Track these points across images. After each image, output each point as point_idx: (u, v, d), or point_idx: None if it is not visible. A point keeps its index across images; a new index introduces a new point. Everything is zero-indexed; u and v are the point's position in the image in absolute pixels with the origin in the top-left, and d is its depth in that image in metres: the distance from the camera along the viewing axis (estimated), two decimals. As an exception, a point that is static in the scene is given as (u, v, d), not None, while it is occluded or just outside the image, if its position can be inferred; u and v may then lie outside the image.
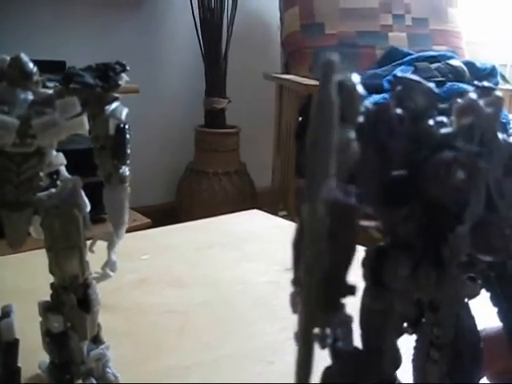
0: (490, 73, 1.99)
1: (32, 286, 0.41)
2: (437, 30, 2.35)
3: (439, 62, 2.02)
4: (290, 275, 0.67)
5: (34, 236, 0.38)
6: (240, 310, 0.56)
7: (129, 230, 0.41)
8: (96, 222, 0.53)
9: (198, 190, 2.28)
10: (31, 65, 0.33)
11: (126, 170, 0.37)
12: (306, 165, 0.22)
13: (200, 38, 2.28)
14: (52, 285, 0.38)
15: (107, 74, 0.35)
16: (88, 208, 0.37)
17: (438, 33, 2.35)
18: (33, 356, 0.40)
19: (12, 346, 0.37)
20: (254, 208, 0.96)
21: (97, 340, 0.40)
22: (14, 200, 0.34)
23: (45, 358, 0.41)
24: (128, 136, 0.37)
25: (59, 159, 0.38)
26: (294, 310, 0.26)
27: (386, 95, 2.03)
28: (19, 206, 0.34)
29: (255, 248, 0.75)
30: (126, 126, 0.36)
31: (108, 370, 0.40)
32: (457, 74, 1.91)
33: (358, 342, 0.25)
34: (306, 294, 0.21)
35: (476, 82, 0.27)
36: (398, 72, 2.10)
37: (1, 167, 0.33)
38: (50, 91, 0.34)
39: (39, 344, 0.39)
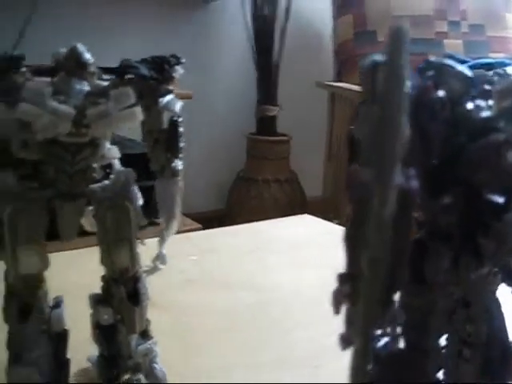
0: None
1: (85, 281, 0.41)
2: (494, 36, 2.29)
3: (496, 69, 1.96)
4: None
5: (87, 229, 0.38)
6: (286, 314, 0.55)
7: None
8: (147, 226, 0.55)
9: (247, 198, 2.28)
10: (87, 55, 0.33)
11: (178, 164, 0.37)
12: (368, 150, 0.21)
13: (252, 46, 2.30)
14: (103, 277, 0.38)
15: (162, 67, 0.35)
16: (140, 201, 0.37)
17: (495, 39, 2.28)
18: (83, 349, 0.41)
19: (62, 337, 0.37)
20: (304, 216, 0.95)
21: (145, 335, 0.40)
22: (67, 191, 0.34)
23: (94, 351, 0.41)
24: (181, 129, 0.37)
25: (113, 152, 0.38)
26: (336, 310, 0.25)
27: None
28: (72, 196, 0.34)
29: (305, 253, 0.74)
30: (180, 119, 0.36)
31: (155, 365, 0.40)
32: (515, 81, 1.85)
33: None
34: (368, 287, 0.20)
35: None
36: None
37: (55, 157, 0.33)
38: (106, 83, 0.34)
39: (90, 338, 0.40)
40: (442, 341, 0.26)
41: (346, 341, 0.24)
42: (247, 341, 0.49)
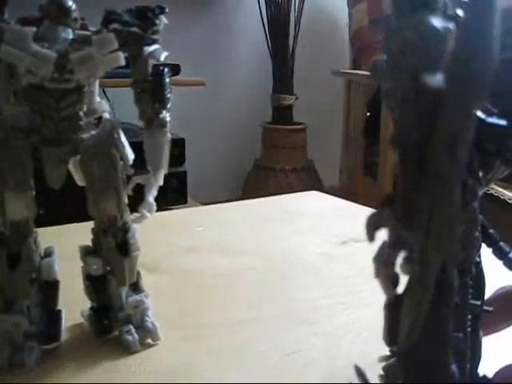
0: None
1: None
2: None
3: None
4: (344, 248, 0.65)
5: (78, 183, 0.39)
6: (289, 277, 0.55)
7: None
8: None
9: (264, 186, 2.28)
10: (70, 1, 0.34)
11: (166, 115, 0.37)
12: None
13: (267, 34, 2.29)
14: (93, 230, 0.39)
15: (146, 15, 0.35)
16: (129, 152, 0.37)
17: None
18: (78, 306, 0.41)
19: (52, 287, 0.37)
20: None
21: (136, 288, 0.40)
22: (53, 137, 0.35)
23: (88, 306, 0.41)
24: (167, 79, 0.37)
25: (102, 106, 0.38)
26: (371, 237, 0.24)
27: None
28: (58, 142, 0.35)
29: (310, 223, 0.73)
30: (166, 69, 0.36)
31: (147, 318, 0.40)
32: None
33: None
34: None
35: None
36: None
37: (41, 103, 0.34)
38: (88, 33, 0.35)
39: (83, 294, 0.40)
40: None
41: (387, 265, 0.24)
42: (248, 299, 0.49)
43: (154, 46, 0.36)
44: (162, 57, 0.36)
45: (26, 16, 0.34)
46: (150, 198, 0.37)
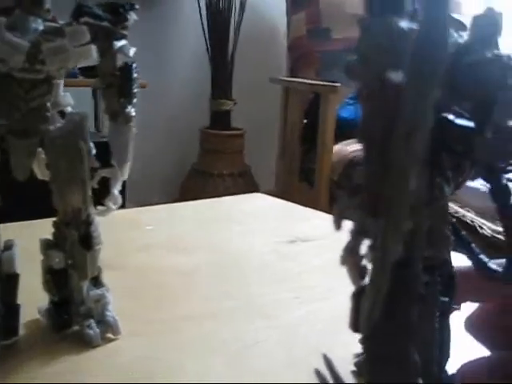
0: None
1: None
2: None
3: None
4: (294, 247, 0.66)
5: (39, 177, 0.38)
6: (244, 272, 0.56)
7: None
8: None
9: (202, 191, 2.28)
10: None
11: (131, 110, 0.38)
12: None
13: (207, 39, 2.30)
14: (54, 223, 0.38)
15: (116, 10, 0.35)
16: (92, 147, 0.37)
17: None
18: (34, 300, 0.40)
19: (12, 280, 0.37)
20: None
21: (97, 282, 0.40)
22: (21, 128, 0.34)
23: (44, 302, 0.41)
24: (135, 74, 0.37)
25: (67, 99, 0.38)
26: (338, 226, 0.25)
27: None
28: (26, 133, 0.34)
29: (258, 224, 0.75)
30: (134, 64, 0.37)
31: (108, 312, 0.40)
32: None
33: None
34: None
35: None
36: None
37: (10, 93, 0.33)
38: (58, 25, 0.35)
39: (39, 288, 0.39)
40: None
41: (349, 252, 0.25)
42: (206, 294, 0.50)
43: (123, 41, 0.36)
44: (131, 52, 0.36)
45: None
46: (116, 191, 0.38)
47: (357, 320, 0.29)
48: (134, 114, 0.38)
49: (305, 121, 2.14)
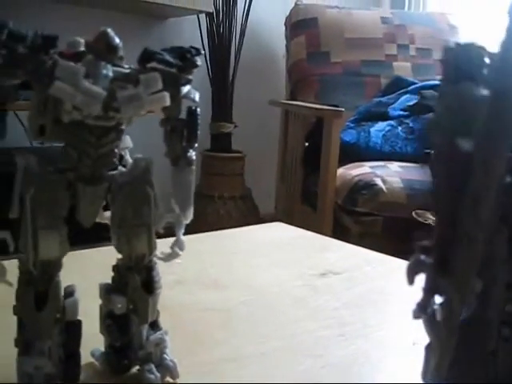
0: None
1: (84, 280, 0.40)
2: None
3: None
4: (325, 280, 0.66)
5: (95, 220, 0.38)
6: (280, 310, 0.56)
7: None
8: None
9: (203, 214, 2.28)
10: (117, 39, 0.34)
11: (193, 154, 0.38)
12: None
13: (208, 63, 2.32)
14: (115, 267, 0.38)
15: (184, 56, 0.35)
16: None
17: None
18: (85, 344, 0.40)
19: (75, 327, 0.36)
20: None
21: (155, 325, 0.40)
22: (90, 174, 0.34)
23: (97, 345, 0.40)
24: (199, 120, 0.37)
25: (126, 142, 0.38)
26: (411, 281, 0.26)
27: (391, 122, 2.05)
28: (94, 180, 0.34)
29: (283, 255, 0.75)
30: (198, 109, 0.37)
31: (166, 356, 0.40)
32: (463, 102, 1.94)
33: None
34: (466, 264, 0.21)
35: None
36: (404, 100, 2.13)
37: (81, 140, 0.33)
38: (126, 70, 0.35)
39: (91, 332, 0.39)
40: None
41: (421, 308, 0.25)
42: (248, 334, 0.50)
43: (188, 86, 0.36)
44: (197, 97, 0.36)
45: (62, 50, 0.34)
46: (181, 235, 0.37)
47: (427, 371, 0.29)
48: (195, 157, 0.38)
49: (306, 144, 2.15)
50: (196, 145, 0.38)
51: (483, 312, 0.25)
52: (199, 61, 0.36)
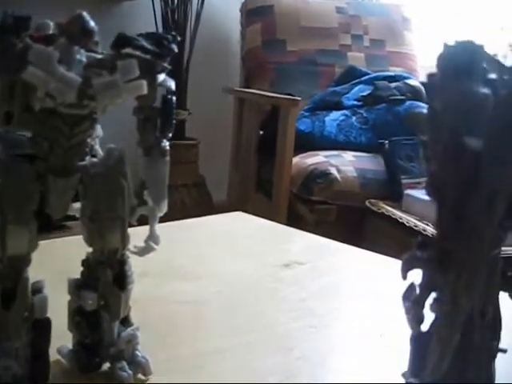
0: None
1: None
2: (393, 51, 2.43)
3: (397, 81, 2.08)
4: (290, 271, 0.66)
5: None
6: (249, 302, 0.55)
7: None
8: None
9: (156, 202, 2.24)
10: (92, 23, 0.32)
11: (166, 144, 0.36)
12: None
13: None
14: (85, 261, 0.37)
15: (161, 42, 0.34)
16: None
17: (394, 54, 2.42)
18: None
19: (44, 325, 0.35)
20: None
21: (126, 321, 0.38)
22: (61, 165, 0.32)
23: (61, 343, 0.39)
24: (174, 110, 0.36)
25: (96, 131, 0.36)
26: (404, 275, 0.26)
27: (346, 112, 2.07)
28: (66, 171, 0.33)
29: (246, 246, 0.74)
30: (174, 98, 0.35)
31: (138, 352, 0.38)
32: (415, 93, 1.98)
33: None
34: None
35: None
36: (358, 91, 2.16)
37: (52, 129, 0.32)
38: (100, 56, 0.33)
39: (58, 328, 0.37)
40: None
41: (417, 304, 0.25)
42: (220, 327, 0.49)
43: (164, 74, 0.35)
44: (173, 86, 0.35)
45: (31, 33, 0.31)
46: (155, 229, 0.36)
47: (415, 365, 0.29)
48: (168, 147, 0.37)
49: (261, 132, 2.14)
50: (170, 135, 0.37)
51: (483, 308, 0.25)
52: (175, 47, 0.35)
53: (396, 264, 0.69)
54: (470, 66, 0.23)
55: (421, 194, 1.57)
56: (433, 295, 0.27)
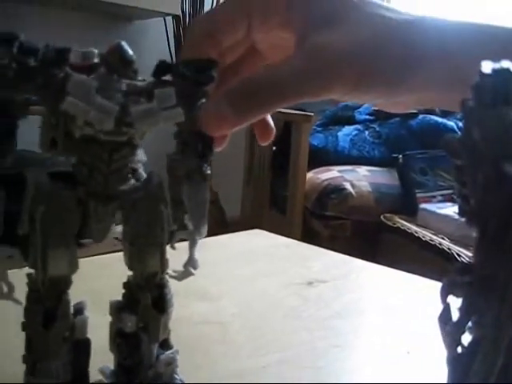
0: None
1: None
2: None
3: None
4: (313, 289, 0.66)
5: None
6: (273, 321, 0.56)
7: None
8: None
9: (170, 218, 2.25)
10: (131, 52, 0.33)
11: (207, 168, 0.36)
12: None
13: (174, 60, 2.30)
14: (126, 283, 0.37)
15: (202, 69, 0.34)
16: None
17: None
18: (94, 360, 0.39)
19: (84, 346, 0.35)
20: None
21: (165, 344, 0.38)
22: (101, 191, 0.33)
23: (105, 362, 0.39)
24: None
25: (140, 156, 0.37)
26: (444, 300, 0.26)
27: (358, 126, 2.08)
28: (106, 197, 0.33)
29: (267, 264, 0.75)
30: None
31: (176, 376, 0.39)
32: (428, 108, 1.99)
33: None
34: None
35: None
36: (370, 104, 2.17)
37: (92, 155, 0.32)
38: (140, 83, 0.34)
39: (99, 348, 0.38)
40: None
41: (457, 328, 0.26)
42: (247, 347, 0.50)
43: (204, 100, 0.35)
44: None
45: (72, 62, 0.33)
46: (195, 253, 0.37)
47: None
48: (209, 171, 0.37)
49: (274, 148, 2.16)
50: (210, 160, 0.37)
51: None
52: (215, 73, 0.35)
53: (416, 280, 0.71)
54: (507, 94, 0.24)
55: (436, 208, 1.58)
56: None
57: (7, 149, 0.33)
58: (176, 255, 0.38)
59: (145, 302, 0.36)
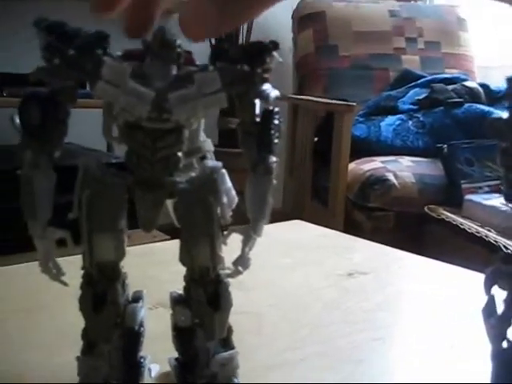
0: (504, 95, 2.02)
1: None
2: (449, 53, 2.39)
3: (454, 83, 2.05)
4: (353, 280, 0.65)
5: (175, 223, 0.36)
6: (311, 313, 0.55)
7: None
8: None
9: (212, 209, 2.27)
10: (171, 34, 0.31)
11: (272, 161, 0.34)
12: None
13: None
14: (185, 277, 0.36)
15: (257, 52, 0.32)
16: (234, 199, 0.36)
17: (450, 56, 2.39)
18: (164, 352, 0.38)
19: (134, 334, 0.36)
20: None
21: (226, 344, 0.37)
22: (148, 179, 0.33)
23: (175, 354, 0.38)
24: (277, 122, 0.34)
25: (207, 145, 0.37)
26: (488, 291, 0.26)
27: (402, 116, 2.05)
28: (153, 186, 0.33)
29: (306, 254, 0.74)
30: (275, 110, 0.34)
31: (234, 379, 0.37)
32: (473, 95, 1.94)
33: None
34: None
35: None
36: (413, 94, 2.13)
37: (138, 143, 0.32)
38: (189, 69, 0.32)
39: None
40: None
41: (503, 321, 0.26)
42: (283, 339, 0.50)
43: (264, 86, 0.33)
44: (272, 98, 0.33)
45: (132, 49, 0.32)
46: (247, 252, 0.36)
47: (497, 380, 0.29)
48: (275, 165, 0.35)
49: (315, 138, 2.15)
50: (277, 151, 0.34)
51: None
52: (277, 57, 0.33)
53: (461, 272, 0.70)
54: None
55: (482, 199, 1.54)
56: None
57: (59, 135, 0.33)
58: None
59: (198, 297, 0.35)
